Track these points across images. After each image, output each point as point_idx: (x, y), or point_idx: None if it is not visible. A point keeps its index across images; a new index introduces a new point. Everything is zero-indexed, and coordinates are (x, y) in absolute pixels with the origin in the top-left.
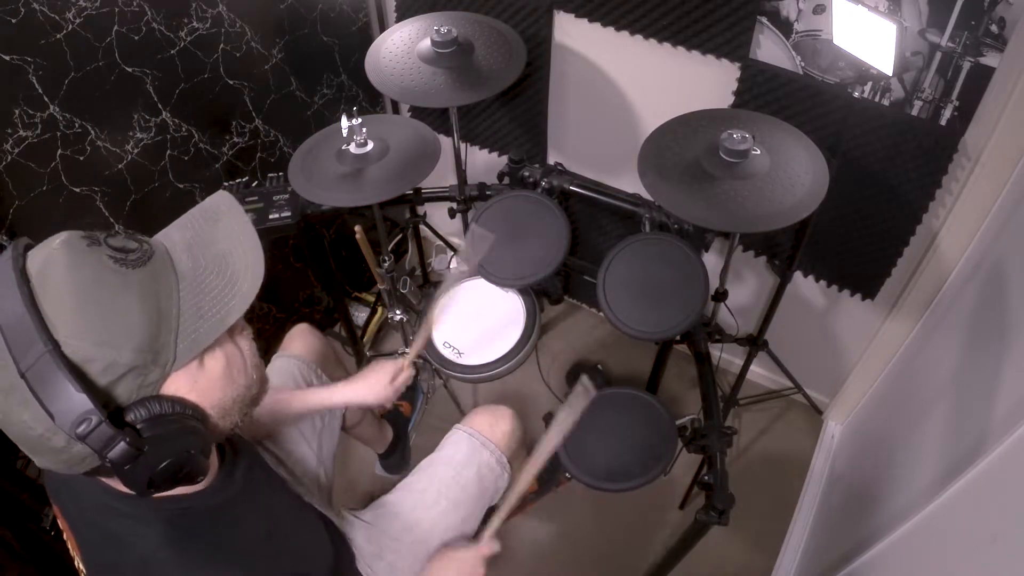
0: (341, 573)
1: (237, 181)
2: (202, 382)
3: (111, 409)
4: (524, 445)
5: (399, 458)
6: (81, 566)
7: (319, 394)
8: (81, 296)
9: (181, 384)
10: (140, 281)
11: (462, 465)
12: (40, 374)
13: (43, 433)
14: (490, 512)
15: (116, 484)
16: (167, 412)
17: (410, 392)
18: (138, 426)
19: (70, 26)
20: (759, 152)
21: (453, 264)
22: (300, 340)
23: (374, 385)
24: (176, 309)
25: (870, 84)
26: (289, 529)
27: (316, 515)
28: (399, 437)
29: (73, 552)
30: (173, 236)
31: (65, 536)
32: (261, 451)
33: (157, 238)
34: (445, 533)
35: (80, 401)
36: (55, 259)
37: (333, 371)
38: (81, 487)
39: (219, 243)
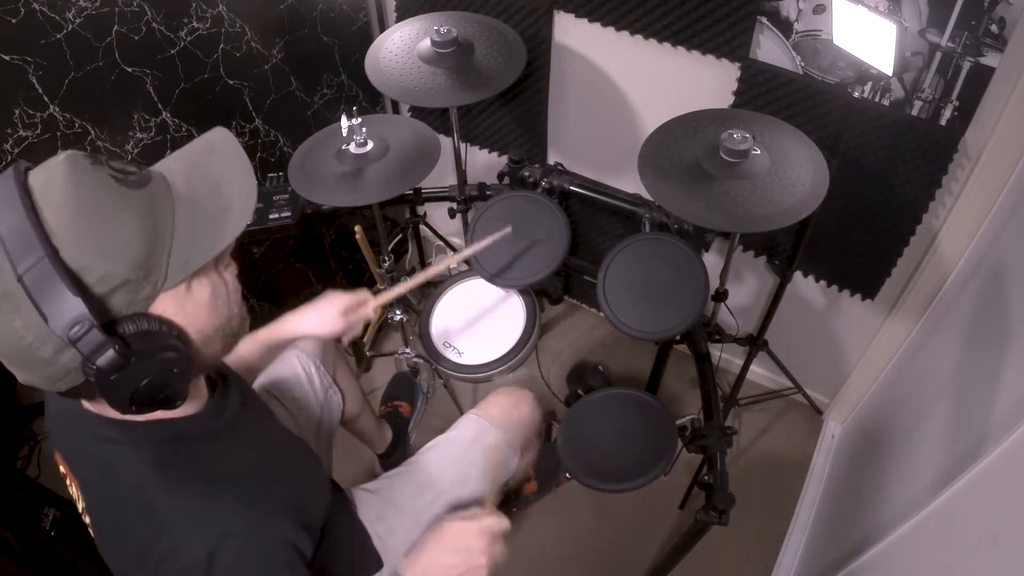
0: (338, 518)
1: None
2: (188, 307)
3: (103, 319)
4: (541, 434)
5: (399, 458)
6: (81, 504)
7: (268, 329)
8: (81, 208)
9: (168, 305)
10: (138, 200)
11: (470, 443)
12: (37, 278)
13: (32, 341)
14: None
15: (105, 410)
16: (154, 328)
17: (410, 392)
18: (126, 338)
19: (70, 26)
20: (759, 152)
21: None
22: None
23: (324, 315)
24: (171, 230)
25: (870, 84)
26: (283, 462)
27: (311, 453)
28: (399, 437)
29: (76, 496)
30: (170, 164)
31: (68, 482)
32: (266, 397)
33: (155, 167)
34: (448, 505)
35: (75, 304)
36: (57, 173)
37: (334, 366)
38: (74, 421)
39: (214, 171)
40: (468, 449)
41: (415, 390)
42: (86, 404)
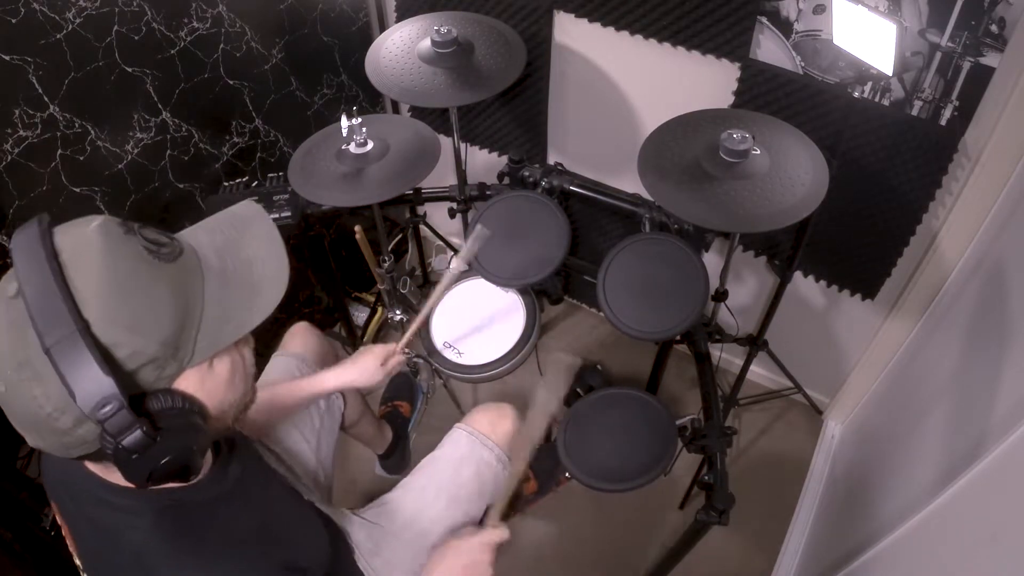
0: (337, 568)
1: (237, 181)
2: (208, 383)
3: (129, 395)
4: (529, 443)
5: (399, 458)
6: (79, 562)
7: (309, 382)
8: (115, 281)
9: (191, 382)
10: (171, 275)
11: (461, 463)
12: (66, 351)
13: (51, 412)
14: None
15: (109, 475)
16: (180, 406)
17: (410, 392)
18: (151, 416)
19: (70, 26)
20: (759, 152)
21: (453, 264)
22: (300, 339)
23: (365, 368)
24: (200, 308)
25: (870, 84)
26: (283, 523)
27: (313, 511)
28: (399, 437)
29: (72, 548)
30: (200, 237)
31: (64, 533)
32: (261, 449)
33: (184, 236)
34: (444, 530)
35: (105, 383)
36: (91, 241)
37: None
38: (77, 481)
39: (247, 250)
40: (458, 469)
41: (415, 390)
42: (90, 467)
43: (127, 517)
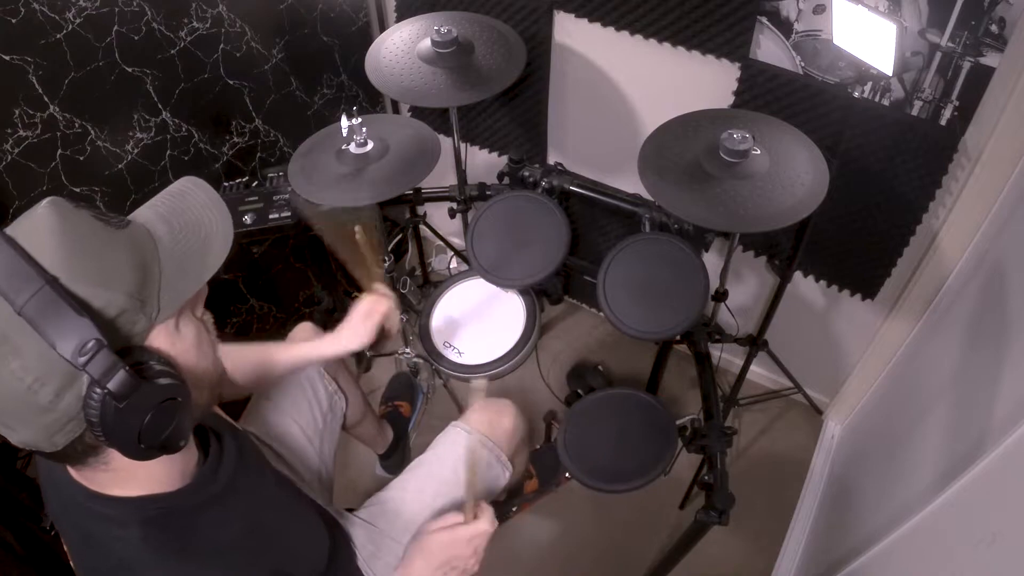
0: (337, 570)
1: (237, 181)
2: (179, 345)
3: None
4: (527, 441)
5: (399, 458)
6: (75, 570)
7: (302, 348)
8: (72, 241)
9: (162, 341)
10: (124, 237)
11: (458, 462)
12: (39, 308)
13: (32, 383)
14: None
15: (94, 483)
16: (154, 359)
17: (410, 392)
18: (133, 366)
19: (70, 26)
20: (759, 152)
21: (453, 264)
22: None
23: (354, 329)
24: (158, 264)
25: (870, 84)
26: (277, 526)
27: (314, 510)
28: (399, 437)
29: (69, 557)
30: (144, 212)
31: (65, 545)
32: (262, 448)
33: (131, 216)
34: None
35: (82, 324)
36: (42, 216)
37: (336, 371)
38: (66, 496)
39: (190, 211)
40: (456, 469)
41: (415, 390)
42: (75, 475)
43: (114, 528)
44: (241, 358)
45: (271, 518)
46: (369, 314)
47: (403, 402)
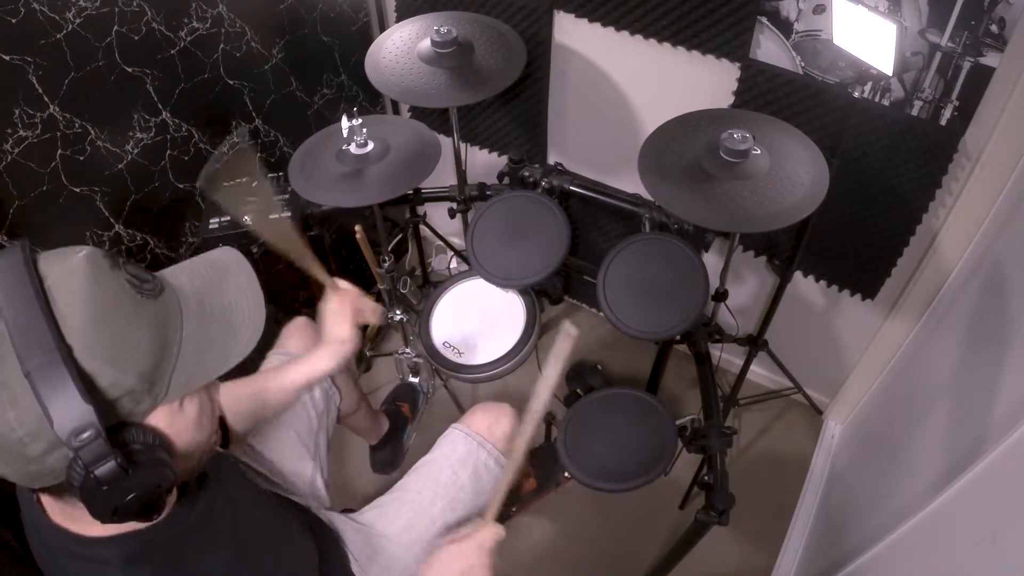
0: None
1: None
2: (178, 423)
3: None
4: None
5: (390, 453)
6: None
7: (290, 373)
8: (99, 311)
9: (161, 420)
10: (152, 311)
11: (459, 465)
12: (46, 376)
13: (23, 437)
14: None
15: (74, 525)
16: (149, 442)
17: (412, 397)
18: (125, 450)
19: (70, 26)
20: (759, 152)
21: (453, 264)
22: (298, 335)
23: (333, 336)
24: (178, 346)
25: (870, 84)
26: (262, 546)
27: (300, 521)
28: (395, 429)
29: None
30: (180, 278)
31: None
32: (244, 468)
33: (164, 275)
34: (441, 533)
35: (84, 410)
36: (77, 270)
37: None
38: (45, 531)
39: (226, 294)
40: (456, 471)
41: (415, 390)
42: (56, 519)
43: (98, 567)
44: (234, 403)
45: (254, 539)
46: (341, 314)
47: (403, 403)
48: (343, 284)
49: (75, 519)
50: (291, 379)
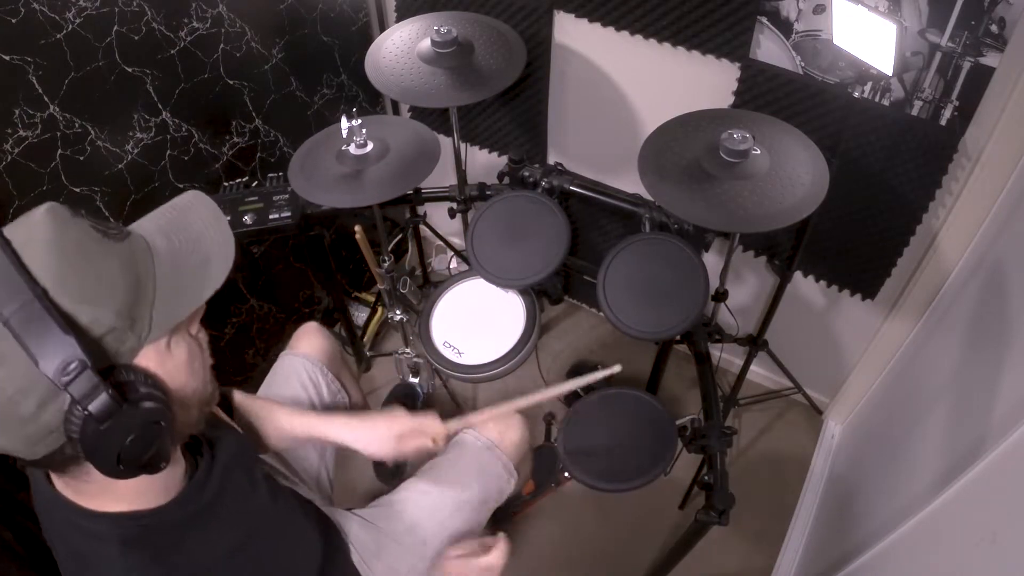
0: (332, 572)
1: (237, 181)
2: (168, 365)
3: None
4: (529, 453)
5: (394, 468)
6: None
7: (320, 426)
8: (66, 253)
9: (151, 361)
10: (120, 251)
11: (467, 470)
12: (25, 320)
13: (13, 394)
14: (496, 515)
15: (78, 496)
16: (140, 379)
17: (413, 402)
18: (116, 385)
19: (70, 26)
20: (759, 152)
21: (453, 264)
22: (307, 339)
23: (381, 438)
24: (153, 281)
25: (870, 84)
26: (266, 536)
27: (306, 513)
28: None
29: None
30: (145, 225)
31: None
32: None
33: (132, 227)
34: (448, 537)
35: (67, 344)
36: (39, 222)
37: (340, 371)
38: (51, 504)
39: (192, 227)
40: (463, 476)
41: (416, 399)
42: (60, 487)
43: (96, 543)
44: (289, 429)
45: (259, 530)
46: (410, 438)
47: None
48: (444, 434)
49: (80, 491)
50: (311, 426)
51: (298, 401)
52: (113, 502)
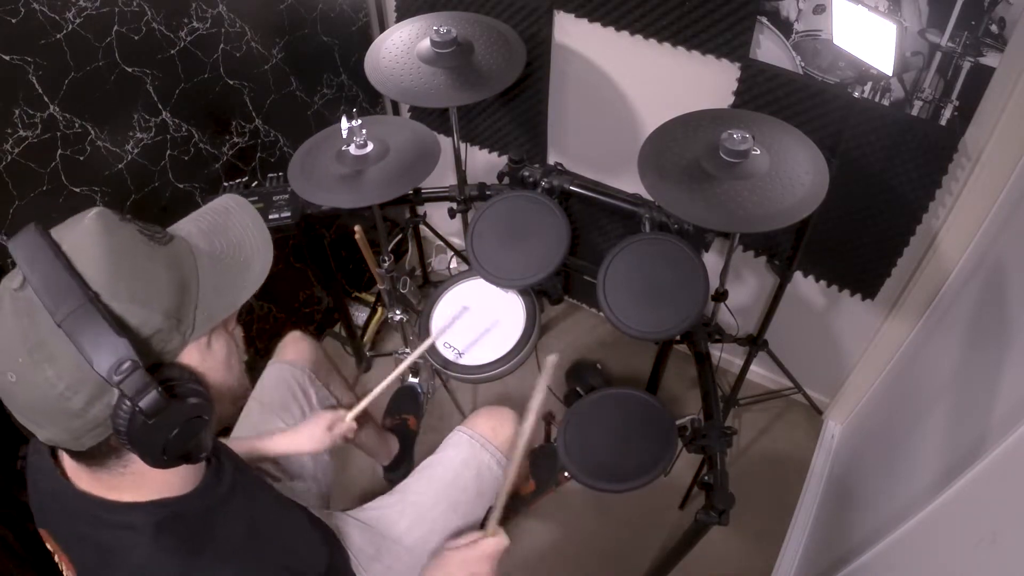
0: (336, 572)
1: (237, 181)
2: (208, 362)
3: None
4: (526, 448)
5: (406, 471)
6: None
7: (261, 442)
8: (116, 258)
9: (193, 358)
10: (166, 255)
11: (462, 467)
12: (78, 322)
13: (64, 391)
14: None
15: (104, 491)
16: (186, 377)
17: (415, 406)
18: (165, 383)
19: (70, 26)
20: (759, 152)
21: (453, 264)
22: (292, 347)
23: (312, 433)
24: (196, 282)
25: (870, 84)
26: (275, 525)
27: (305, 515)
28: (406, 449)
29: (68, 574)
30: (187, 227)
31: (57, 559)
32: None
33: (174, 229)
34: (444, 535)
35: (119, 345)
36: (89, 228)
37: (327, 375)
38: (69, 504)
39: (233, 231)
40: (459, 473)
41: (419, 404)
42: (83, 486)
43: (125, 534)
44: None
45: (269, 517)
46: (332, 427)
47: (410, 415)
48: (350, 415)
49: (106, 484)
50: (252, 445)
51: (287, 407)
52: (144, 492)
